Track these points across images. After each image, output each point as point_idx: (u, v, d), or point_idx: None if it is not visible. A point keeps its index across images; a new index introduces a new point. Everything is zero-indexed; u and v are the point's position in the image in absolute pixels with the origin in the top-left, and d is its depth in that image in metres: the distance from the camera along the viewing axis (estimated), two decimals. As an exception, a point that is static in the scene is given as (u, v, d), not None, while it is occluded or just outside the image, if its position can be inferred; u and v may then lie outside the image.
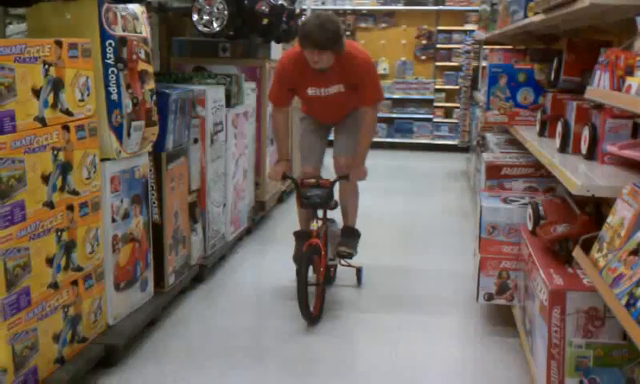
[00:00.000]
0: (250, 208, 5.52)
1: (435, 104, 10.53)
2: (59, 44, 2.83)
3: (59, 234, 2.85)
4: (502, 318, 3.77)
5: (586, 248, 2.40)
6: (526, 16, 4.07)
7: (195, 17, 4.42)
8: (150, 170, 3.68)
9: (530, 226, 3.26)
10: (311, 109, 4.06)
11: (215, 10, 4.37)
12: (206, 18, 4.43)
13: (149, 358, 3.34)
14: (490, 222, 3.59)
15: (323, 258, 3.75)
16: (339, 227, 4.24)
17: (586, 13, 2.70)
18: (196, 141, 4.25)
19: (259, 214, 5.81)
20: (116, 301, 3.37)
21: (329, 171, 4.28)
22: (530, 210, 3.27)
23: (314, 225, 3.75)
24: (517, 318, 3.50)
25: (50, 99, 2.77)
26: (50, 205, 2.77)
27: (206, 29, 4.44)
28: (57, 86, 2.81)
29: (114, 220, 3.31)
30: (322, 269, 3.75)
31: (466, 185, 7.73)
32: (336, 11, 10.61)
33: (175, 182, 3.92)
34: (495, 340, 3.59)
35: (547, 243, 2.93)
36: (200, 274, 4.34)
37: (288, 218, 5.92)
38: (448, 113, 10.55)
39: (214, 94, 4.44)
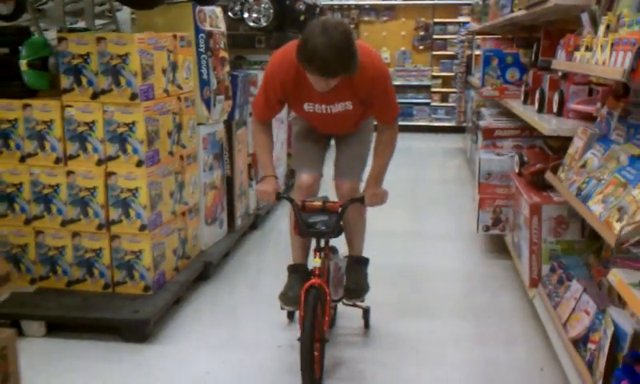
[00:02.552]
0: (284, 174, 6.60)
1: (432, 89, 11.63)
2: (175, 37, 3.89)
3: (176, 175, 3.92)
4: (496, 245, 4.87)
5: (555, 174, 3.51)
6: (512, 11, 5.17)
7: (246, 15, 5.48)
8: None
9: (516, 169, 4.36)
10: (307, 120, 3.25)
11: (262, 9, 5.44)
12: (254, 15, 5.49)
13: (231, 273, 4.43)
14: (487, 170, 4.70)
15: (328, 304, 2.96)
16: (342, 257, 3.40)
17: (554, 10, 3.79)
18: (250, 114, 5.32)
19: (291, 180, 6.89)
20: (206, 232, 4.44)
21: (326, 184, 3.41)
22: (517, 157, 4.37)
23: (317, 261, 2.90)
24: (507, 242, 4.60)
25: (170, 77, 3.84)
26: (171, 154, 3.84)
27: (255, 24, 5.50)
28: (174, 67, 3.88)
29: (204, 170, 4.38)
30: (326, 317, 2.96)
31: (463, 160, 8.83)
32: (341, 6, 11.71)
33: (240, 145, 4.99)
34: (490, 259, 4.70)
35: (529, 177, 4.03)
36: (255, 222, 5.43)
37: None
38: (444, 97, 11.66)
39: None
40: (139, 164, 3.52)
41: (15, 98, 3.60)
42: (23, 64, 3.66)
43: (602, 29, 2.85)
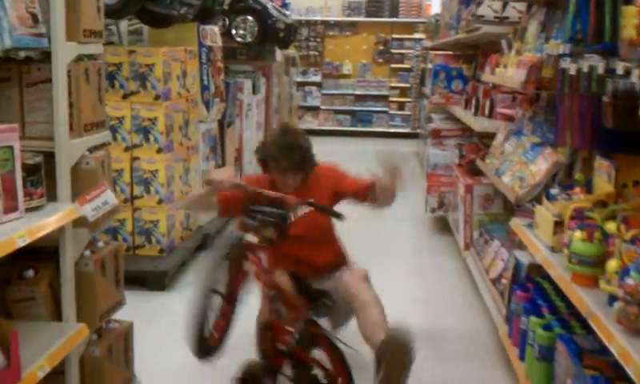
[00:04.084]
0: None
1: (390, 99, 12.74)
2: (185, 50, 4.82)
3: (184, 163, 4.84)
4: (440, 225, 5.91)
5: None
6: (457, 33, 6.25)
7: (234, 31, 6.43)
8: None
9: (457, 161, 5.42)
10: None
11: (248, 27, 6.40)
12: (241, 31, 6.45)
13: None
14: (433, 163, 5.75)
15: None
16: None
17: (484, 36, 4.86)
18: (237, 116, 6.27)
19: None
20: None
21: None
22: (457, 151, 5.43)
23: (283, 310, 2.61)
24: (449, 221, 5.65)
25: (182, 82, 4.76)
26: (181, 144, 4.76)
27: (241, 39, 6.46)
28: (184, 74, 4.80)
29: (202, 160, 5.31)
30: None
31: (417, 162, 9.90)
32: (308, 21, 12.73)
33: (230, 141, 5.93)
34: (435, 235, 5.74)
35: (465, 166, 5.09)
36: (239, 207, 6.36)
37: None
38: (401, 106, 12.77)
39: (247, 84, 6.47)
40: (159, 151, 4.43)
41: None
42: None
43: (513, 52, 3.91)
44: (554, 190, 2.91)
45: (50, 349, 2.05)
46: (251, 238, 2.68)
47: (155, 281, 4.26)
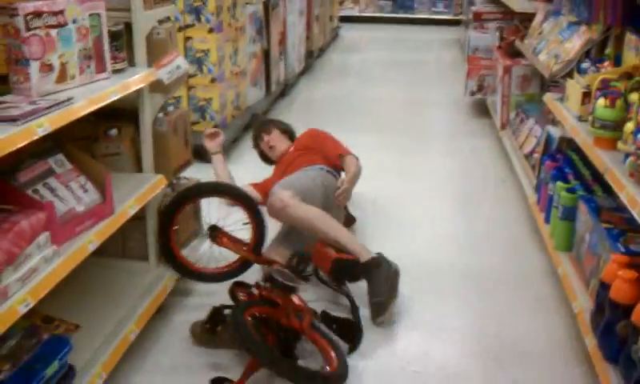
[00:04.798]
0: (303, 54, 7.73)
1: (433, -16, 12.52)
2: None
3: (233, 43, 5.07)
4: (479, 109, 6.09)
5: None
6: None
7: None
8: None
9: (497, 43, 5.52)
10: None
11: None
12: None
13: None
14: (474, 46, 5.86)
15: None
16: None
17: None
18: (281, -1, 6.42)
19: (308, 61, 8.03)
20: (250, 92, 5.64)
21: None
22: (497, 33, 5.53)
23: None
24: (488, 104, 5.83)
25: None
26: (229, 25, 4.97)
27: None
28: (232, -44, 4.96)
29: (249, 41, 5.53)
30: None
31: (457, 49, 9.90)
32: None
33: (274, 23, 6.11)
34: (474, 118, 5.94)
35: (506, 48, 5.21)
36: (284, 90, 6.62)
37: (328, 63, 8.20)
38: (444, -9, 12.55)
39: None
40: (210, 31, 4.67)
41: None
42: None
43: None
44: (585, 64, 3.10)
45: (136, 193, 2.42)
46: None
47: (210, 153, 4.62)
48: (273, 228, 3.07)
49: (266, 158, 3.82)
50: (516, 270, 3.27)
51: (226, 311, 2.54)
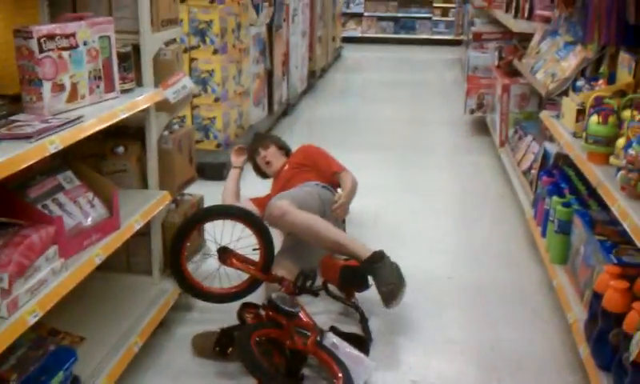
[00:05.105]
0: (306, 74, 7.85)
1: (434, 5, 12.68)
2: None
3: (237, 63, 5.19)
4: (478, 127, 6.18)
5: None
6: None
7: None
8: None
9: (496, 63, 5.62)
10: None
11: None
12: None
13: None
14: (474, 65, 5.96)
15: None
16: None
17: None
18: (284, 20, 6.53)
19: (311, 81, 8.15)
20: (253, 112, 5.74)
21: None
22: (496, 52, 5.63)
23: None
24: (487, 122, 5.91)
25: (233, -13, 5.05)
26: (234, 46, 5.09)
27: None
28: (235, -21, 5.08)
29: (253, 62, 5.64)
30: None
31: (458, 68, 10.03)
32: None
33: (277, 45, 6.23)
34: (473, 136, 6.02)
35: (504, 67, 5.30)
36: (286, 109, 6.72)
37: (330, 83, 8.31)
38: (445, 12, 12.72)
39: (293, -12, 6.69)
40: (215, 52, 4.78)
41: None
42: None
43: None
44: (580, 82, 3.18)
45: (142, 209, 2.50)
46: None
47: (214, 171, 4.70)
48: (277, 243, 3.14)
49: (259, 171, 3.86)
50: (513, 283, 3.33)
51: (235, 332, 2.58)
